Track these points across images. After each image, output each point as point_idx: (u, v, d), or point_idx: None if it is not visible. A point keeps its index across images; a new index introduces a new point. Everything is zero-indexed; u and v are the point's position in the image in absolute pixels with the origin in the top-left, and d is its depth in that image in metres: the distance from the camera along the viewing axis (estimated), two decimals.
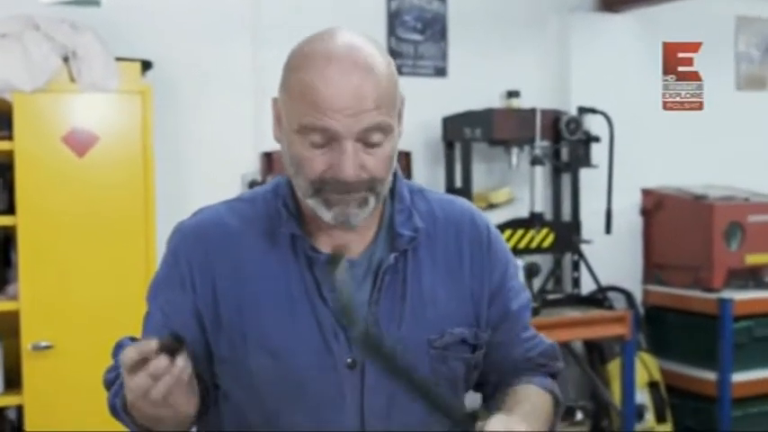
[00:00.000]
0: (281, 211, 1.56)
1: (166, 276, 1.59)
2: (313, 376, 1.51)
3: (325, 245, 1.55)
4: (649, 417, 4.93)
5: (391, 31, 4.70)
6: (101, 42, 3.64)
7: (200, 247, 1.56)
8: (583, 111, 4.79)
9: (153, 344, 1.32)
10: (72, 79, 3.60)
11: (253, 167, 4.39)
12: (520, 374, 1.70)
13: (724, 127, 5.57)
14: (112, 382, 1.55)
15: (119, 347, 1.59)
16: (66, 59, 3.60)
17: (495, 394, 1.70)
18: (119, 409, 1.49)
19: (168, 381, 1.33)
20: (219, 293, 1.54)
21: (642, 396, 4.90)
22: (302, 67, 1.45)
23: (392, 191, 1.60)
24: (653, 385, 4.98)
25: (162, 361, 1.32)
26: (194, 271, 1.55)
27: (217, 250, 1.55)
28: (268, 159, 4.34)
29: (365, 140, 1.44)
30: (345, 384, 1.52)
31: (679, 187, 5.30)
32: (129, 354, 1.32)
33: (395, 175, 1.59)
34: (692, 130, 5.48)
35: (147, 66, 3.89)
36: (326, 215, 1.48)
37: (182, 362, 1.34)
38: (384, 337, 1.53)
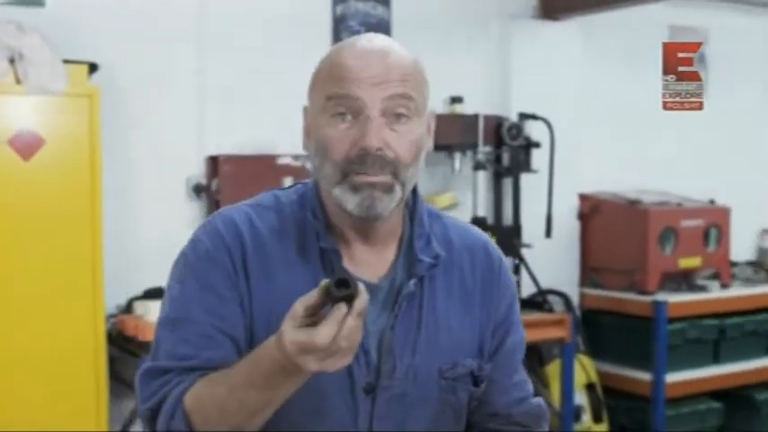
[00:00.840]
0: (310, 224, 1.55)
1: (205, 277, 1.52)
2: (331, 396, 1.51)
3: (350, 263, 1.54)
4: (586, 417, 5.02)
5: (336, 35, 4.71)
6: (48, 44, 3.60)
7: (237, 244, 1.52)
8: (524, 117, 4.88)
9: (323, 286, 1.29)
10: (18, 81, 3.56)
11: (198, 171, 4.36)
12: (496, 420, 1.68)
13: (657, 134, 5.72)
14: (155, 408, 1.48)
15: (147, 375, 1.51)
16: (12, 61, 3.56)
17: None
18: (179, 428, 1.44)
19: (355, 323, 1.29)
20: (254, 296, 1.51)
21: (580, 397, 4.99)
22: (331, 56, 1.51)
23: (412, 212, 1.60)
24: (590, 386, 5.08)
25: (342, 308, 1.28)
26: (236, 266, 1.51)
27: (252, 254, 1.52)
28: (213, 163, 4.33)
29: (391, 112, 1.46)
30: (360, 408, 1.52)
31: (615, 192, 5.42)
32: (302, 305, 1.29)
33: (415, 194, 1.60)
34: (626, 136, 5.61)
35: (92, 68, 3.86)
36: (351, 202, 1.47)
37: (360, 302, 1.29)
38: (397, 365, 1.53)
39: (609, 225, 5.32)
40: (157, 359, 1.51)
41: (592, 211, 5.39)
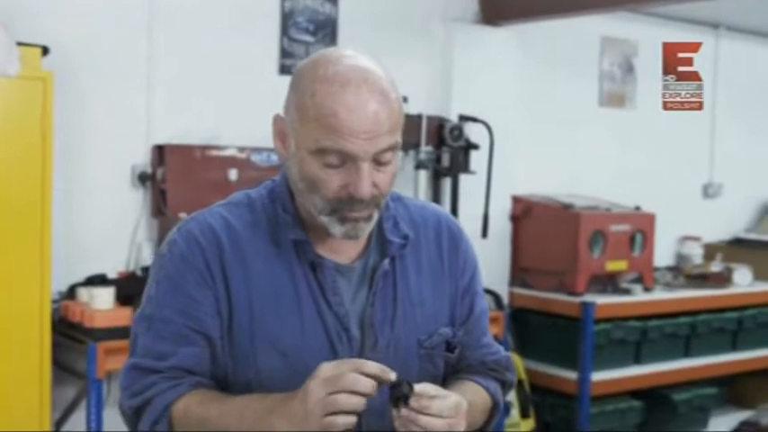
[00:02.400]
0: (281, 217, 1.64)
1: (180, 281, 1.61)
2: None
3: (323, 249, 1.64)
4: (514, 413, 5.16)
5: (284, 31, 4.77)
6: (2, 26, 3.57)
7: (213, 248, 1.60)
8: (464, 119, 4.99)
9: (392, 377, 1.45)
10: None
11: (144, 159, 4.36)
12: (470, 373, 1.80)
13: (586, 140, 5.90)
14: (140, 408, 1.58)
15: (134, 371, 1.61)
16: None
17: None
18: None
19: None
20: (232, 293, 1.60)
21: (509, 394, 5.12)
22: (318, 92, 1.51)
23: None
24: (518, 383, 5.21)
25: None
26: (212, 269, 1.60)
27: (229, 252, 1.61)
28: (159, 152, 4.33)
29: (378, 160, 1.53)
30: None
31: (547, 195, 5.57)
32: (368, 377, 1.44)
33: None
34: (559, 141, 5.78)
35: (44, 51, 3.83)
36: (338, 231, 1.57)
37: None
38: (379, 338, 1.64)
39: (540, 227, 5.47)
40: (136, 354, 1.62)
41: (524, 213, 5.53)
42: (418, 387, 1.50)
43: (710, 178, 6.76)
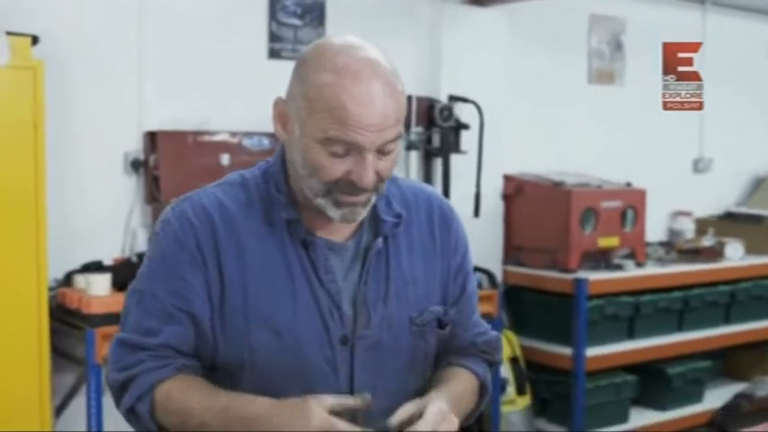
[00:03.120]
0: (274, 197, 1.67)
1: (171, 261, 1.65)
2: (311, 351, 1.64)
3: (317, 228, 1.68)
4: (510, 389, 5.20)
5: (272, 15, 4.77)
6: None
7: (206, 228, 1.64)
8: (454, 99, 5.02)
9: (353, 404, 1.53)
10: None
11: (136, 146, 4.39)
12: (460, 355, 1.84)
13: (576, 118, 5.93)
14: (125, 383, 1.63)
15: (122, 346, 1.66)
16: None
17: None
18: (144, 412, 1.61)
19: None
20: (225, 272, 1.63)
21: (504, 370, 5.17)
22: (328, 84, 1.53)
23: None
24: (513, 360, 5.27)
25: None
26: (204, 250, 1.63)
27: (221, 231, 1.64)
28: (151, 138, 4.35)
29: (382, 150, 1.57)
30: (338, 358, 1.66)
31: (538, 174, 5.60)
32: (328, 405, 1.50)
33: None
34: (549, 119, 5.81)
35: (34, 41, 3.85)
36: (335, 214, 1.61)
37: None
38: (372, 315, 1.68)
39: (532, 205, 5.50)
40: (125, 328, 1.67)
41: (516, 191, 5.55)
42: (395, 418, 1.55)
43: (701, 153, 6.80)
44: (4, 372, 3.67)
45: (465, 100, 5.00)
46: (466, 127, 5.04)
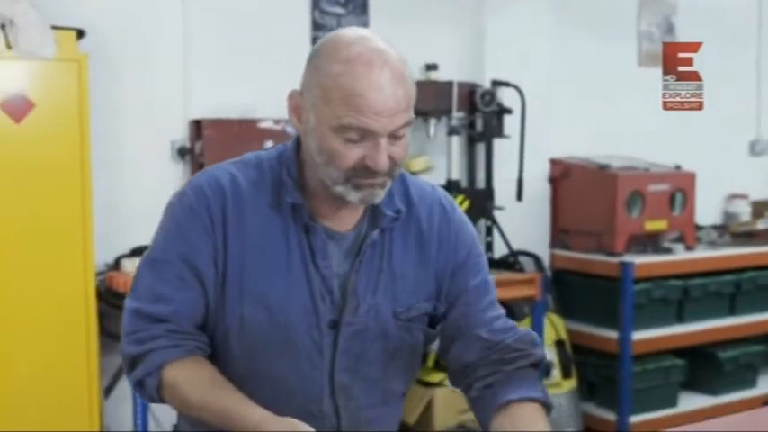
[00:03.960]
0: (285, 181, 1.74)
1: (185, 229, 1.73)
2: (299, 331, 1.73)
3: (321, 216, 1.75)
4: (556, 373, 5.22)
5: (315, 4, 4.87)
6: (37, 10, 3.73)
7: (218, 201, 1.72)
8: (496, 84, 5.04)
9: None
10: (9, 47, 3.69)
11: (182, 134, 4.52)
12: (500, 365, 1.77)
13: (625, 101, 5.90)
14: (138, 357, 1.71)
15: (136, 316, 1.74)
16: (2, 27, 3.69)
17: (473, 381, 1.79)
18: (151, 387, 1.70)
19: None
20: (229, 245, 1.72)
21: (549, 354, 5.18)
22: (342, 73, 1.60)
23: None
24: (559, 343, 5.28)
25: None
26: (215, 220, 1.72)
27: (231, 206, 1.72)
28: (197, 127, 4.48)
29: (394, 135, 1.64)
30: (324, 341, 1.74)
31: (585, 157, 5.59)
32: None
33: None
34: (596, 103, 5.79)
35: (80, 34, 3.98)
36: (355, 197, 1.68)
37: None
38: (360, 303, 1.75)
39: (578, 189, 5.50)
40: (139, 295, 1.74)
41: (562, 175, 5.56)
42: None
43: (758, 135, 6.70)
44: (54, 353, 3.83)
45: (507, 84, 5.02)
46: (509, 111, 5.06)
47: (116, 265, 4.25)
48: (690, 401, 5.47)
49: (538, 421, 1.71)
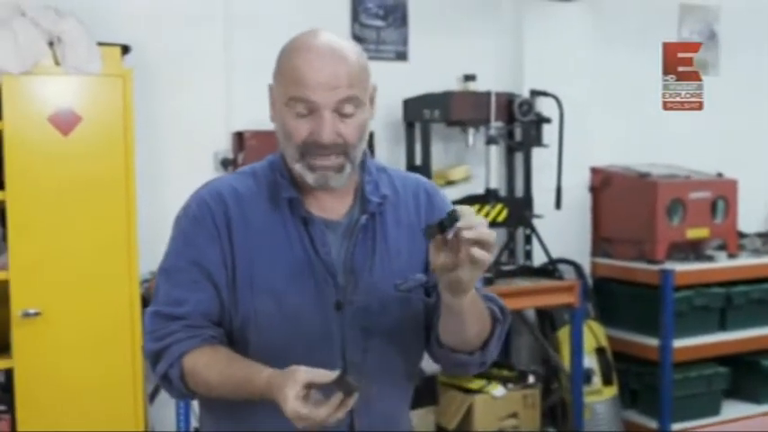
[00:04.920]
0: (279, 181, 1.90)
1: (192, 237, 1.88)
2: (307, 315, 1.85)
3: (314, 208, 1.91)
4: (596, 380, 5.25)
5: (355, 17, 4.96)
6: (83, 28, 3.86)
7: (220, 208, 1.88)
8: (535, 93, 5.09)
9: (331, 376, 1.63)
10: (57, 63, 3.82)
11: (225, 146, 4.64)
12: None
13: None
14: (159, 352, 1.84)
15: (156, 317, 1.87)
16: (51, 44, 3.82)
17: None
18: (175, 378, 1.82)
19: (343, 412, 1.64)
20: (235, 245, 1.86)
21: (590, 361, 5.22)
22: (291, 56, 1.82)
23: (363, 166, 1.95)
24: (600, 351, 5.30)
25: (339, 396, 1.63)
26: (219, 226, 1.86)
27: (233, 210, 1.88)
28: (239, 138, 4.59)
29: (340, 111, 1.80)
30: (332, 322, 1.86)
31: (625, 166, 5.62)
32: (305, 379, 1.63)
33: (365, 153, 1.94)
34: (637, 111, 5.80)
35: (125, 50, 4.12)
36: (310, 178, 1.84)
37: (353, 399, 1.64)
38: (359, 282, 1.88)
39: (619, 197, 5.52)
40: (158, 301, 1.90)
41: (603, 183, 5.59)
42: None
43: None
44: (100, 359, 3.94)
45: (545, 94, 5.07)
46: (548, 121, 5.10)
47: None
48: (733, 409, 5.45)
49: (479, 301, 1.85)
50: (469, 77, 5.02)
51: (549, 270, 5.03)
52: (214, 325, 1.86)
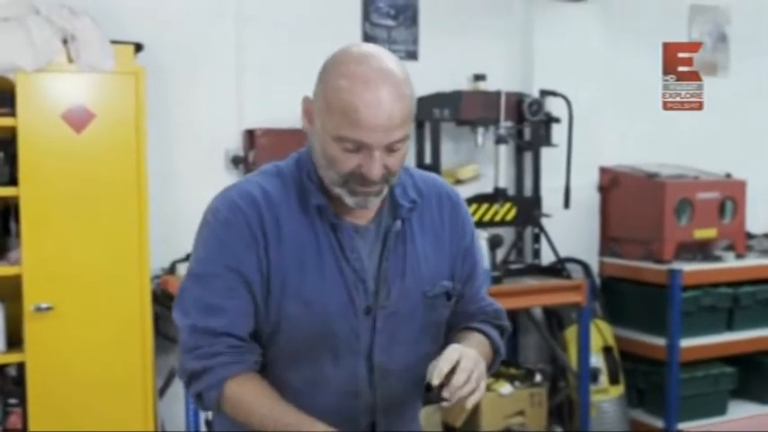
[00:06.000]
0: (306, 185, 1.88)
1: (228, 242, 1.84)
2: (337, 321, 1.86)
3: (343, 212, 1.90)
4: (603, 379, 5.27)
5: (366, 16, 4.99)
6: (97, 26, 3.91)
7: (254, 211, 1.84)
8: (544, 93, 5.11)
9: None
10: (71, 60, 3.87)
11: (236, 144, 4.68)
12: (472, 321, 2.08)
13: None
14: (200, 373, 1.82)
15: (195, 333, 1.83)
16: (65, 42, 3.87)
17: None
18: (211, 400, 1.82)
19: None
20: (270, 252, 1.84)
21: (597, 360, 5.24)
22: (343, 89, 1.73)
23: None
24: (607, 350, 5.32)
25: None
26: (254, 231, 1.83)
27: (266, 214, 1.85)
28: (250, 136, 4.63)
29: (390, 148, 1.77)
30: (361, 327, 1.89)
31: (634, 166, 5.63)
32: None
33: None
34: (646, 112, 5.79)
35: (138, 48, 4.16)
36: (350, 201, 1.83)
37: None
38: (391, 289, 1.91)
39: (627, 197, 5.54)
40: (190, 310, 1.85)
41: (611, 183, 5.61)
42: (435, 378, 1.73)
43: None
44: (110, 354, 3.99)
45: (555, 94, 5.09)
46: (557, 120, 5.13)
47: (171, 269, 4.41)
48: (740, 409, 5.46)
49: (479, 343, 1.98)
50: (479, 77, 5.05)
51: (557, 269, 5.05)
52: (253, 340, 1.86)
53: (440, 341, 2.01)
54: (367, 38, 4.97)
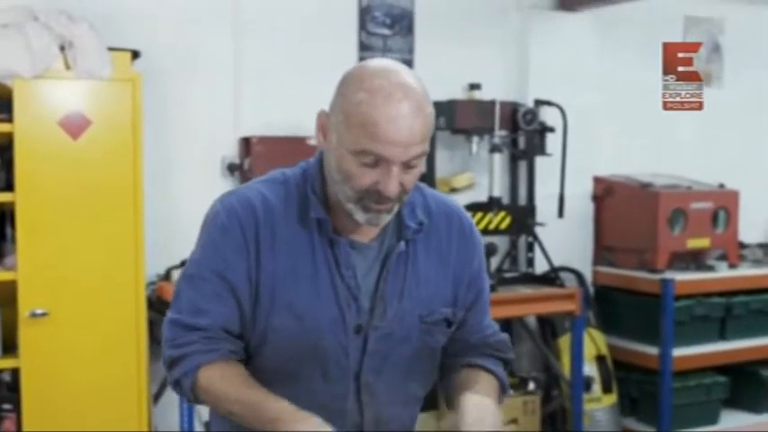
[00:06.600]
0: (309, 197, 1.86)
1: (220, 247, 1.84)
2: (327, 337, 1.84)
3: (346, 229, 1.87)
4: (596, 388, 5.28)
5: (362, 25, 5.02)
6: (95, 33, 3.92)
7: (251, 219, 1.83)
8: (539, 103, 5.14)
9: None
10: (68, 67, 3.87)
11: (232, 151, 4.69)
12: (476, 354, 2.01)
13: (670, 120, 5.94)
14: (176, 359, 1.84)
15: (176, 326, 1.86)
16: (62, 48, 3.88)
17: (445, 371, 2.02)
18: (186, 387, 1.82)
19: None
20: (262, 261, 1.83)
21: (590, 368, 5.26)
22: (363, 102, 1.71)
23: None
24: (600, 359, 5.34)
25: None
26: (248, 239, 1.82)
27: (263, 222, 1.83)
28: (246, 143, 4.64)
29: (407, 164, 1.75)
30: (351, 345, 1.86)
31: (628, 175, 5.66)
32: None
33: None
34: (640, 122, 5.84)
35: (135, 55, 4.17)
36: (362, 217, 1.79)
37: None
38: (387, 309, 1.88)
39: (621, 206, 5.57)
40: (179, 308, 1.87)
41: (605, 192, 5.64)
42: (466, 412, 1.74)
43: None
44: (105, 360, 4.00)
45: (549, 103, 5.12)
46: (551, 130, 5.15)
47: (167, 275, 4.42)
48: (732, 419, 5.49)
49: (487, 384, 1.92)
50: (474, 86, 5.08)
51: (551, 278, 5.08)
52: (234, 338, 1.86)
53: (435, 364, 2.00)
54: (363, 47, 5.00)
